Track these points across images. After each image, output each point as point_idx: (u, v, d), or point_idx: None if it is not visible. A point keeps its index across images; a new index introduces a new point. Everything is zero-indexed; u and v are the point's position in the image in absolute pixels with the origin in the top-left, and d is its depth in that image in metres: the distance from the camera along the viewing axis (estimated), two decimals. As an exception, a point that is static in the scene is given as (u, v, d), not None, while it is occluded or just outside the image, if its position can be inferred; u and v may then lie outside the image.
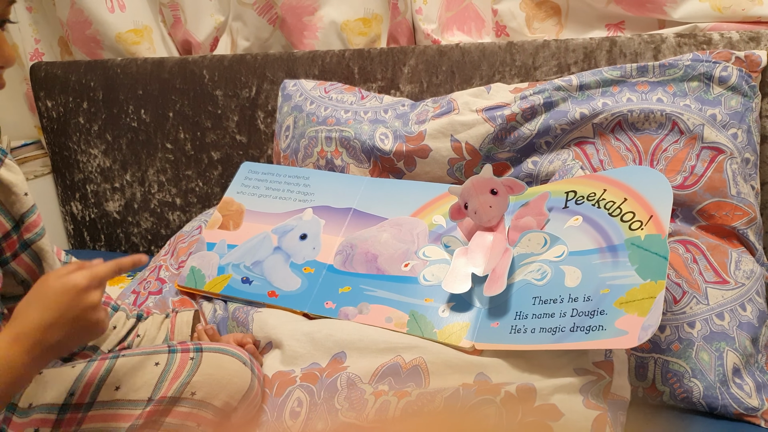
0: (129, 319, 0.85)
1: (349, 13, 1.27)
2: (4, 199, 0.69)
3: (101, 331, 0.62)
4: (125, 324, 0.84)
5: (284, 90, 1.18)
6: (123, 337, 0.83)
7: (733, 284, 0.81)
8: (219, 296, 0.96)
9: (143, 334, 0.85)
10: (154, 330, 0.86)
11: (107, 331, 0.80)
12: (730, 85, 0.88)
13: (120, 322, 0.84)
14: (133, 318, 0.86)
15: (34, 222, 0.71)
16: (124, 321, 0.84)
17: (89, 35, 1.48)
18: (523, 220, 0.83)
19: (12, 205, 0.70)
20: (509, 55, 1.07)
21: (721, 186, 0.84)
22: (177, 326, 0.87)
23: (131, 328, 0.84)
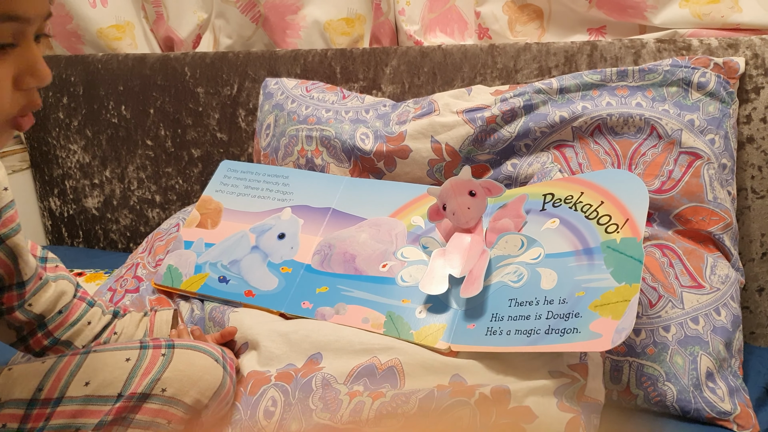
0: (104, 315, 0.84)
1: (332, 12, 1.26)
2: None
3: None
4: (100, 320, 0.83)
5: (265, 88, 1.18)
6: (98, 333, 0.82)
7: (708, 289, 0.81)
8: (196, 295, 0.95)
9: (120, 331, 0.84)
10: (132, 328, 0.85)
11: (82, 326, 0.80)
12: (709, 91, 0.89)
13: (95, 318, 0.82)
14: (108, 314, 0.84)
15: (11, 217, 0.70)
16: (99, 317, 0.83)
17: (70, 30, 1.46)
18: (501, 222, 0.83)
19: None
20: (491, 58, 1.07)
21: (698, 191, 0.85)
22: (156, 325, 0.86)
23: (107, 324, 0.83)
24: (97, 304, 0.84)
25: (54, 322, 0.78)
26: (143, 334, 0.84)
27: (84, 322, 0.80)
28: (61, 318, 0.78)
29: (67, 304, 0.79)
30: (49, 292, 0.77)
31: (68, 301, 0.79)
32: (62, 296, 0.79)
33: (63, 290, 0.79)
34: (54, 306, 0.78)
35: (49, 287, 0.77)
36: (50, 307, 0.77)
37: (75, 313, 0.80)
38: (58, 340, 0.79)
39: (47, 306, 0.77)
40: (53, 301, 0.78)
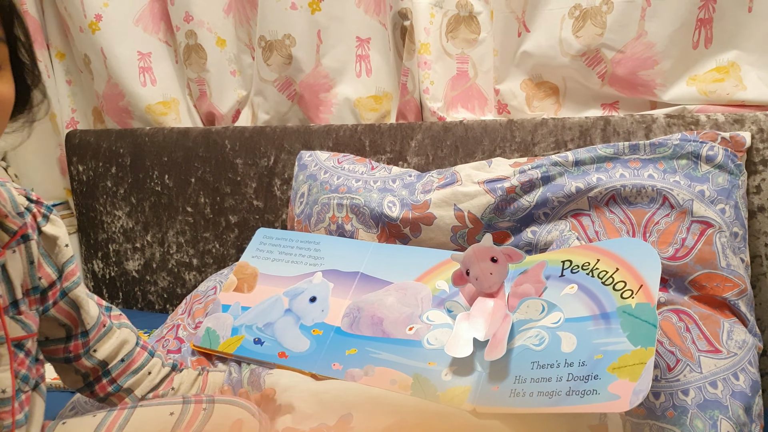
0: (164, 367, 0.87)
1: (361, 91, 1.37)
2: (50, 250, 0.74)
3: None
4: (160, 371, 0.86)
5: (300, 160, 1.26)
6: (157, 384, 0.85)
7: (726, 353, 0.83)
8: (232, 356, 0.99)
9: (178, 386, 0.87)
10: (188, 385, 0.88)
11: (143, 375, 0.84)
12: (717, 163, 0.94)
13: (155, 368, 0.86)
14: (168, 367, 0.87)
15: (72, 271, 0.77)
16: (159, 368, 0.86)
17: (122, 106, 1.59)
18: (522, 287, 0.87)
19: (56, 256, 0.75)
20: (509, 132, 1.15)
21: (711, 258, 0.89)
22: (209, 386, 0.90)
23: (165, 376, 0.87)
24: (157, 355, 0.88)
25: (117, 369, 0.82)
26: (196, 392, 0.88)
27: (145, 371, 0.84)
28: (124, 365, 0.83)
29: (130, 352, 0.83)
30: (113, 339, 0.82)
31: (130, 350, 0.84)
32: (125, 344, 0.83)
33: (126, 339, 0.84)
34: (117, 353, 0.82)
35: (112, 334, 0.82)
36: (113, 354, 0.82)
37: (137, 361, 0.84)
38: (121, 387, 0.83)
39: (110, 352, 0.81)
40: (116, 349, 0.82)
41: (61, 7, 1.56)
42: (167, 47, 1.57)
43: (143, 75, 1.55)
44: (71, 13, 1.52)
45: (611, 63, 1.12)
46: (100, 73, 1.57)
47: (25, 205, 0.72)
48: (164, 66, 1.57)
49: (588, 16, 1.12)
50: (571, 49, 1.14)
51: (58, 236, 0.75)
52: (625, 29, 1.09)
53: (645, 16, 1.07)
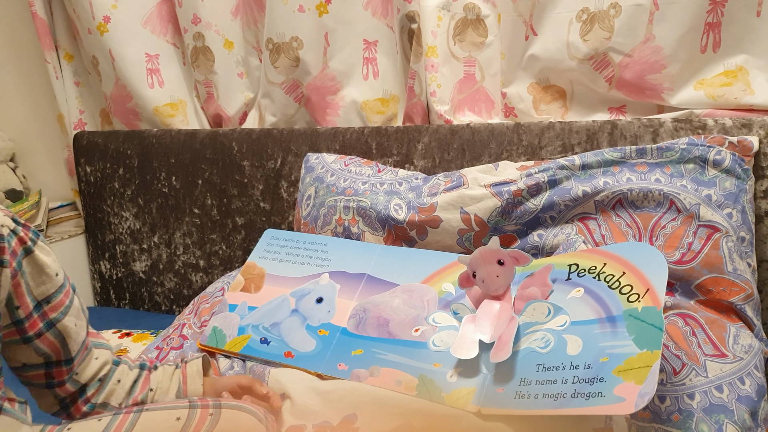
0: (132, 370, 0.86)
1: (368, 93, 1.37)
2: (34, 278, 0.72)
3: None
4: (128, 375, 0.85)
5: (307, 162, 1.27)
6: (130, 388, 0.84)
7: (732, 358, 0.83)
8: (239, 356, 1.00)
9: (156, 386, 0.86)
10: (166, 382, 0.88)
11: (113, 385, 0.83)
12: (724, 167, 0.94)
13: (123, 374, 0.85)
14: (136, 368, 0.86)
15: (61, 301, 0.75)
16: (127, 372, 0.85)
17: (129, 108, 1.60)
18: (529, 290, 0.87)
19: (39, 286, 0.73)
20: (516, 135, 1.15)
21: (717, 262, 0.89)
22: (189, 377, 0.89)
23: (136, 379, 0.85)
24: (123, 361, 0.86)
25: (93, 389, 0.82)
26: (177, 387, 0.88)
27: (114, 380, 0.83)
28: (99, 384, 0.82)
29: (107, 374, 0.83)
30: (94, 362, 0.81)
31: (108, 371, 0.83)
32: (104, 366, 0.83)
33: (106, 360, 0.83)
34: (96, 375, 0.82)
35: (92, 355, 0.82)
36: (93, 376, 0.82)
37: (107, 375, 0.83)
38: (95, 405, 0.82)
39: (91, 375, 0.81)
40: (96, 371, 0.82)
41: (70, 8, 1.57)
42: (175, 49, 1.58)
43: (151, 77, 1.56)
44: (80, 15, 1.53)
45: (619, 67, 1.12)
46: (108, 75, 1.58)
47: (11, 227, 0.69)
48: (172, 68, 1.58)
49: (596, 20, 1.12)
50: (579, 53, 1.15)
51: (48, 264, 0.73)
52: (633, 33, 1.09)
53: (653, 20, 1.07)
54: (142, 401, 0.85)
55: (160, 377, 0.88)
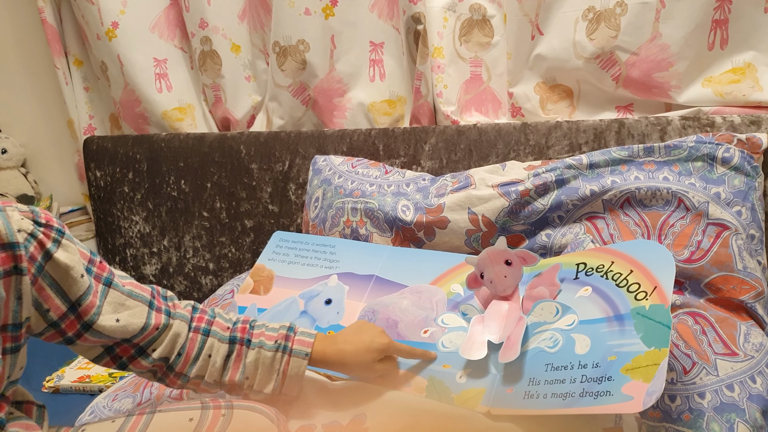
0: (222, 344, 0.81)
1: (375, 95, 1.37)
2: (61, 281, 0.70)
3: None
4: (219, 350, 0.81)
5: (315, 165, 1.28)
6: (222, 366, 0.80)
7: (743, 356, 0.83)
8: (247, 358, 1.01)
9: (252, 375, 0.81)
10: (265, 376, 0.81)
11: (204, 361, 0.80)
12: (733, 165, 0.93)
13: (213, 350, 0.80)
14: (226, 343, 0.81)
15: (92, 303, 0.73)
16: (217, 347, 0.81)
17: (138, 112, 1.61)
18: (537, 290, 0.87)
19: (69, 288, 0.71)
20: (523, 135, 1.15)
21: (727, 261, 0.88)
22: (288, 378, 0.82)
23: (227, 355, 0.81)
24: (212, 332, 0.81)
25: (179, 363, 0.79)
26: (274, 386, 0.81)
27: (204, 356, 0.80)
28: (183, 358, 0.79)
29: (183, 344, 0.79)
30: (167, 339, 0.78)
31: (183, 342, 0.79)
32: (177, 338, 0.79)
33: (177, 333, 0.79)
34: (173, 349, 0.79)
35: (167, 333, 0.78)
36: (169, 350, 0.79)
37: (193, 349, 0.80)
38: (189, 377, 0.80)
39: (166, 350, 0.78)
40: (171, 345, 0.79)
41: (79, 15, 1.59)
42: (183, 53, 1.59)
43: (159, 81, 1.57)
44: (88, 21, 1.55)
45: (625, 65, 1.12)
46: (116, 80, 1.59)
47: (29, 231, 0.67)
48: (180, 72, 1.59)
49: (602, 19, 1.12)
50: (585, 52, 1.14)
51: (72, 266, 0.70)
52: (640, 31, 1.09)
53: (659, 17, 1.07)
54: (239, 385, 0.81)
55: (256, 366, 0.81)
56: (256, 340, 0.82)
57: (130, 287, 0.77)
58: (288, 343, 0.82)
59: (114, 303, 0.75)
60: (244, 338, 0.82)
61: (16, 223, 0.66)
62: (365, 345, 0.84)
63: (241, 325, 0.83)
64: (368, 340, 0.85)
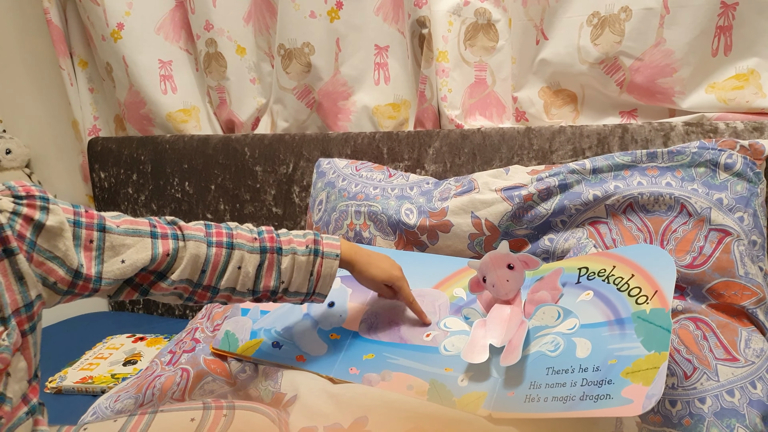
0: (252, 254, 0.82)
1: (380, 98, 1.38)
2: (54, 245, 0.68)
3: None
4: (249, 260, 0.82)
5: (319, 167, 1.28)
6: (255, 275, 0.82)
7: (743, 362, 0.83)
8: (251, 359, 1.01)
9: (288, 280, 0.84)
10: (299, 278, 0.85)
11: (233, 272, 0.81)
12: (736, 171, 0.93)
13: (244, 261, 0.82)
14: (256, 253, 0.83)
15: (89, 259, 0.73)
16: (247, 258, 0.82)
17: (143, 114, 1.62)
18: (539, 294, 0.88)
19: (67, 252, 0.69)
20: (527, 140, 1.15)
21: (729, 266, 0.89)
22: (321, 278, 0.87)
23: (259, 263, 0.82)
24: (237, 245, 0.82)
25: (204, 279, 0.80)
26: (308, 286, 0.86)
27: (233, 269, 0.81)
28: (208, 274, 0.80)
29: (206, 261, 0.79)
30: (184, 261, 0.78)
31: (204, 260, 0.79)
32: (197, 260, 0.79)
33: (195, 254, 0.79)
34: (195, 270, 0.79)
35: (183, 256, 0.78)
36: (191, 272, 0.79)
37: (219, 263, 0.80)
38: (219, 290, 0.81)
39: (186, 272, 0.78)
40: (191, 267, 0.78)
41: (84, 16, 1.60)
42: (188, 55, 1.60)
43: (164, 83, 1.58)
44: (94, 22, 1.56)
45: (629, 71, 1.12)
46: (121, 81, 1.60)
47: (10, 210, 0.65)
48: (185, 74, 1.60)
49: (606, 24, 1.12)
50: (590, 57, 1.15)
51: (65, 228, 0.68)
52: (644, 37, 1.09)
53: (663, 23, 1.07)
54: (274, 290, 0.84)
55: (292, 270, 0.84)
56: (287, 247, 0.84)
57: (126, 225, 0.75)
58: (319, 247, 0.87)
59: (113, 246, 0.73)
60: (274, 247, 0.84)
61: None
62: (388, 258, 0.95)
63: (267, 235, 0.85)
64: (390, 259, 0.95)
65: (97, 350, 1.34)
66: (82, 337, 1.43)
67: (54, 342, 1.42)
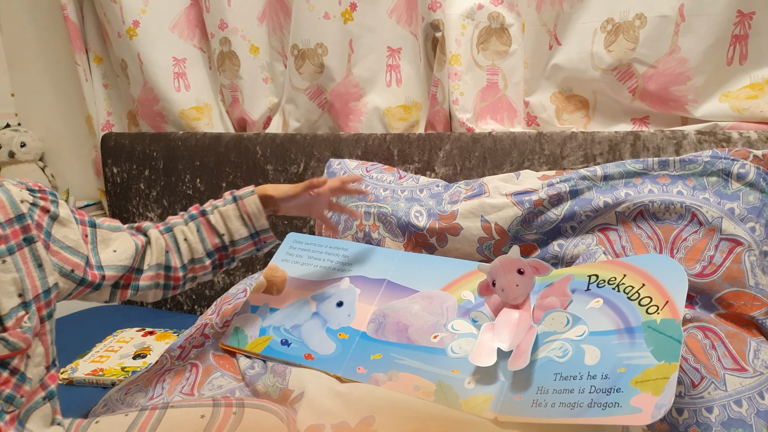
0: (187, 225, 0.93)
1: (391, 100, 1.39)
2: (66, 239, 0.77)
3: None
4: (187, 230, 0.92)
5: (329, 168, 1.29)
6: (200, 239, 0.92)
7: (752, 372, 0.83)
8: (259, 356, 1.02)
9: (225, 231, 0.93)
10: (235, 223, 0.94)
11: (182, 245, 0.91)
12: (748, 181, 0.93)
13: (184, 232, 0.92)
14: (189, 221, 0.93)
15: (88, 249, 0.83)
16: (184, 229, 0.92)
17: (156, 110, 1.63)
18: (548, 300, 0.88)
19: (77, 240, 0.79)
20: (538, 145, 1.15)
21: (739, 276, 0.88)
22: (252, 216, 0.95)
23: (197, 229, 0.93)
24: (172, 225, 0.92)
25: (171, 260, 0.90)
26: (245, 226, 0.94)
27: (181, 242, 0.91)
28: (170, 254, 0.90)
29: (163, 245, 0.90)
30: (153, 248, 0.89)
31: (162, 243, 0.90)
32: (159, 242, 0.90)
33: (156, 238, 0.90)
34: (161, 252, 0.89)
35: (151, 245, 0.89)
36: (158, 255, 0.89)
37: (170, 244, 0.91)
38: (186, 266, 0.92)
39: (155, 257, 0.89)
40: (158, 251, 0.89)
41: (101, 13, 1.61)
42: (201, 53, 1.61)
43: (178, 80, 1.59)
44: (110, 19, 1.57)
45: (643, 78, 1.12)
46: (136, 78, 1.62)
47: (30, 201, 0.72)
48: (198, 72, 1.61)
49: (620, 31, 1.12)
50: (603, 63, 1.15)
51: (71, 220, 0.78)
52: (658, 44, 1.09)
53: (679, 31, 1.07)
54: (223, 245, 0.93)
55: (224, 221, 0.93)
56: (209, 207, 0.94)
57: (108, 223, 0.87)
58: (235, 194, 0.95)
59: (104, 240, 0.84)
60: (200, 211, 0.94)
61: (17, 195, 0.71)
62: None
63: (191, 208, 0.96)
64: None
65: (108, 343, 1.35)
66: (92, 329, 1.44)
67: (65, 334, 1.44)
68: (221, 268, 0.96)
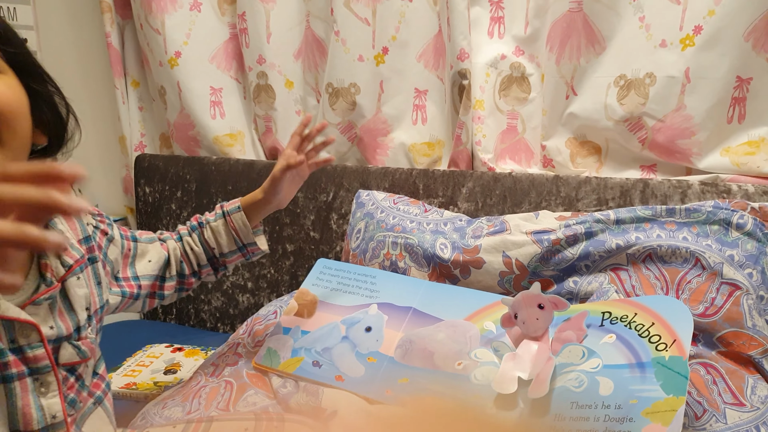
0: (191, 235, 1.03)
1: (416, 137, 1.48)
2: (117, 259, 0.90)
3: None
4: (191, 242, 1.02)
5: (359, 198, 1.38)
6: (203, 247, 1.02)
7: (749, 407, 0.91)
8: (291, 376, 1.08)
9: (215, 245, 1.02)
10: (224, 238, 1.01)
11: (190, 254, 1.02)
12: (746, 231, 1.02)
13: (191, 243, 1.02)
14: (192, 232, 1.03)
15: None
16: (190, 241, 1.02)
17: (191, 135, 1.72)
18: (565, 334, 0.96)
19: (131, 258, 0.91)
20: (555, 187, 1.25)
21: (738, 318, 0.97)
22: (240, 231, 1.02)
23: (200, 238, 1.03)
24: (182, 235, 1.03)
25: (185, 267, 1.01)
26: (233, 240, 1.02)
27: (189, 251, 1.01)
28: (184, 263, 1.01)
29: (178, 254, 1.00)
30: (173, 257, 0.99)
31: (179, 252, 1.01)
32: (176, 251, 1.00)
33: (173, 247, 1.00)
34: (177, 260, 1.00)
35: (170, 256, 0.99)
36: (176, 263, 0.99)
37: (184, 252, 1.01)
38: (197, 272, 1.03)
39: (175, 265, 0.99)
40: (175, 260, 0.99)
41: (144, 42, 1.71)
42: (237, 84, 1.71)
43: (214, 108, 1.68)
44: (153, 49, 1.67)
45: (652, 130, 1.22)
46: (173, 104, 1.71)
47: (93, 224, 0.81)
48: (233, 101, 1.70)
49: (632, 87, 1.22)
50: (615, 115, 1.25)
51: (120, 242, 0.89)
52: (666, 101, 1.19)
53: (685, 91, 1.17)
54: (216, 256, 1.03)
55: (214, 236, 1.02)
56: (203, 220, 1.03)
57: (146, 236, 0.98)
58: (224, 209, 1.03)
59: (142, 252, 0.94)
60: (197, 223, 1.03)
61: (84, 218, 0.79)
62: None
63: (192, 219, 1.05)
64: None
65: (138, 358, 1.41)
66: (120, 344, 1.50)
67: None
68: (217, 273, 1.06)
